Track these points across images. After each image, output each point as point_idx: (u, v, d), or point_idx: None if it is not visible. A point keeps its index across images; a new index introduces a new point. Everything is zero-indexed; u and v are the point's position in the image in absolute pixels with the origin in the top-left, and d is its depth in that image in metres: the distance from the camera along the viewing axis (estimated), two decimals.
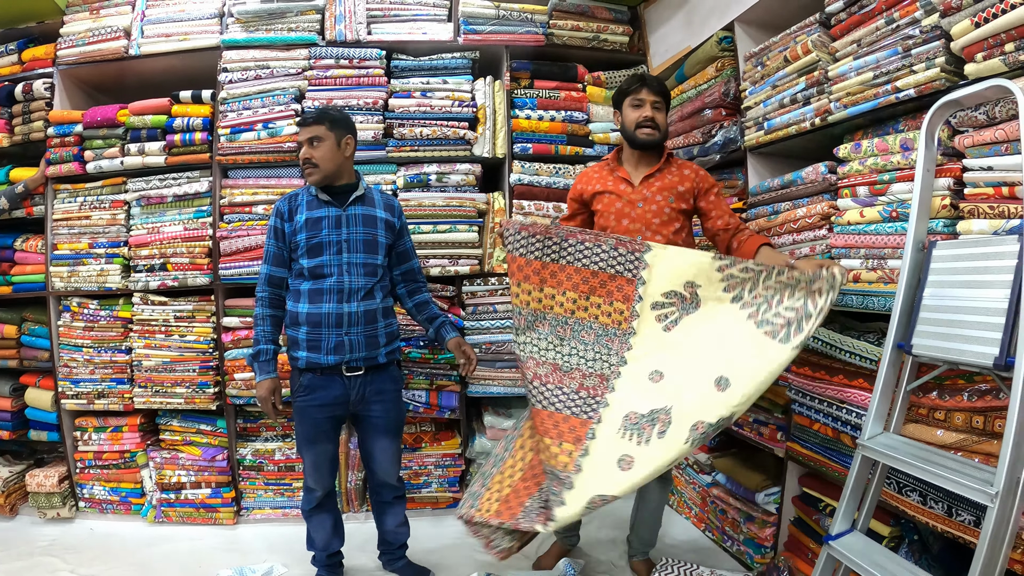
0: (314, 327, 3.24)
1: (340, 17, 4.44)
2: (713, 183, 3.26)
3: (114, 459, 4.53)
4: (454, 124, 4.48)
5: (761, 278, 2.72)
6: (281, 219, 3.34)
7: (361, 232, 3.33)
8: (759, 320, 2.67)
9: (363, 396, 3.34)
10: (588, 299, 2.97)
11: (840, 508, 2.53)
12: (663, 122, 3.24)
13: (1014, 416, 1.90)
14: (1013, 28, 2.22)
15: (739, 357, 2.61)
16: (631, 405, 2.75)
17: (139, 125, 4.41)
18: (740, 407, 2.50)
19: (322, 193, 3.32)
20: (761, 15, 3.72)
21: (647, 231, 3.19)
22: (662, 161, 3.27)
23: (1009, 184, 2.26)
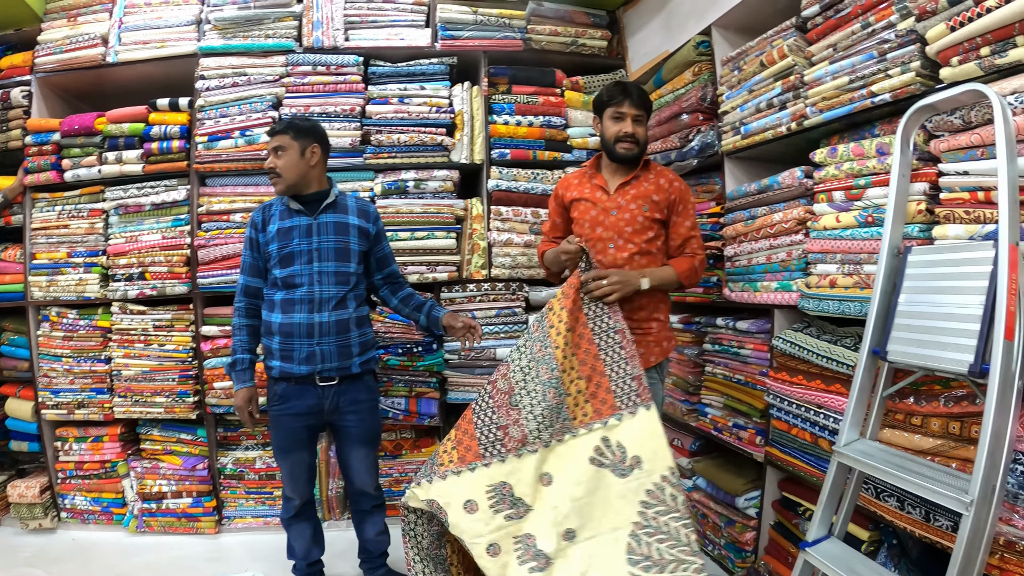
0: (286, 337, 3.21)
1: (317, 23, 4.39)
2: (683, 197, 3.21)
3: (95, 469, 4.47)
4: (432, 130, 4.44)
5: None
6: (255, 229, 3.32)
7: (332, 240, 3.29)
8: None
9: (337, 406, 3.31)
10: (580, 379, 2.88)
11: (816, 515, 2.51)
12: (643, 135, 3.20)
13: (989, 423, 1.88)
14: (988, 32, 2.20)
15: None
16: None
17: (116, 133, 4.36)
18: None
19: (293, 202, 3.29)
20: (738, 19, 3.69)
21: (619, 239, 3.17)
22: (638, 169, 3.23)
23: (985, 189, 2.23)
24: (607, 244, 3.17)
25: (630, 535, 2.68)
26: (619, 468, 2.75)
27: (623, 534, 2.68)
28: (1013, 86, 2.11)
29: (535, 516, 2.69)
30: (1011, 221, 1.94)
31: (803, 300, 3.04)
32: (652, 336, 3.21)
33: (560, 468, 2.77)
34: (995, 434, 1.88)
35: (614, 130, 3.18)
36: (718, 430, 3.83)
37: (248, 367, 3.34)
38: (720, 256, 3.80)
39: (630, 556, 2.65)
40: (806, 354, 3.00)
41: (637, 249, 3.15)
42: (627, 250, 3.15)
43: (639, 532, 2.68)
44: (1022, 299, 1.95)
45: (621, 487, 2.73)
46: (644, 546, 2.66)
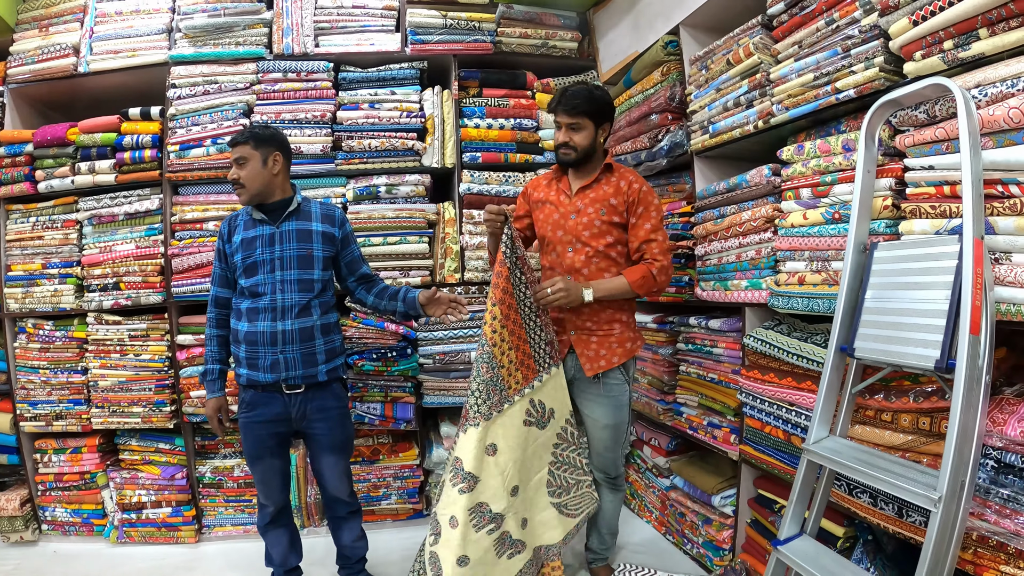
0: (251, 345, 3.17)
1: (287, 30, 4.33)
2: (642, 199, 3.14)
3: (75, 480, 4.40)
4: (403, 135, 4.39)
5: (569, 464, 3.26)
6: (223, 240, 3.29)
7: (295, 248, 3.24)
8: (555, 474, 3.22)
9: (305, 414, 3.26)
10: (511, 349, 3.00)
11: (787, 512, 2.51)
12: (580, 142, 3.13)
13: (956, 419, 1.87)
14: (951, 25, 2.18)
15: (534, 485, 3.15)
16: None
17: (89, 143, 4.29)
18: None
19: (256, 212, 3.25)
20: (706, 18, 3.67)
21: (577, 242, 3.16)
22: (599, 172, 3.20)
23: (951, 183, 2.21)
24: (566, 247, 3.17)
25: (548, 472, 3.18)
26: (541, 422, 3.12)
27: (544, 473, 3.17)
28: (977, 79, 2.09)
29: (483, 486, 2.87)
30: (975, 215, 1.94)
31: (773, 298, 3.02)
32: (615, 337, 3.19)
33: (502, 436, 2.94)
34: (963, 430, 1.87)
35: (555, 138, 3.19)
36: (693, 429, 3.81)
37: (218, 377, 3.31)
38: (691, 255, 3.77)
39: (549, 489, 3.18)
40: (777, 352, 2.99)
41: (594, 253, 3.13)
42: (584, 253, 3.13)
43: (553, 468, 3.19)
44: (988, 293, 1.94)
45: (543, 438, 3.14)
46: (557, 478, 3.20)
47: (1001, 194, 2.02)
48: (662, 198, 4.17)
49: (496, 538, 2.89)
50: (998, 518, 1.99)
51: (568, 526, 3.25)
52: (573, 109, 3.09)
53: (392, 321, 4.19)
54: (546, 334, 3.12)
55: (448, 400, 4.36)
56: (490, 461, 2.88)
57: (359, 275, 3.52)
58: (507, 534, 2.94)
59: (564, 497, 3.23)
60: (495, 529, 2.88)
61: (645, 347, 4.27)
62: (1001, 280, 2.01)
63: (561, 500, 3.22)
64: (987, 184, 2.03)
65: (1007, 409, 2.05)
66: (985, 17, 2.07)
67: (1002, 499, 1.99)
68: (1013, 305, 1.98)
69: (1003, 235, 2.01)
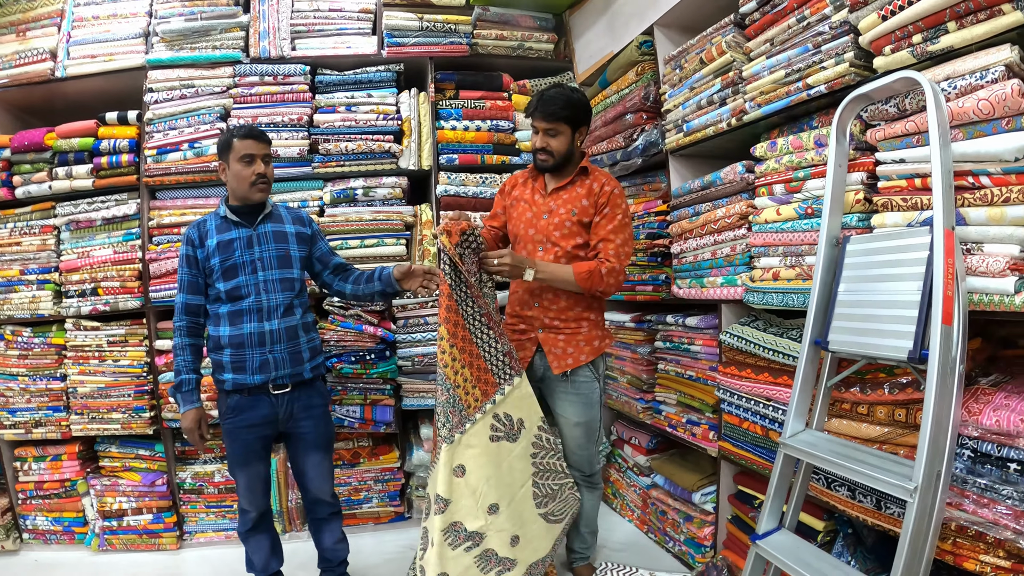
0: (237, 348, 3.12)
1: (264, 33, 4.30)
2: (610, 201, 3.10)
3: (55, 488, 4.34)
4: (379, 137, 4.36)
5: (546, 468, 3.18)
6: (192, 246, 3.22)
7: (274, 248, 3.23)
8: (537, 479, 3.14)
9: (292, 413, 3.23)
10: (464, 367, 2.92)
11: (765, 507, 2.50)
12: (558, 147, 3.11)
13: (930, 410, 1.87)
14: (920, 19, 2.19)
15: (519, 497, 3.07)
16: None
17: (66, 148, 4.23)
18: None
19: (232, 215, 3.21)
20: (680, 18, 3.66)
21: (547, 242, 3.14)
22: (574, 174, 3.18)
23: (921, 175, 2.22)
24: (536, 247, 3.16)
25: (532, 484, 3.10)
26: (511, 435, 3.03)
27: (528, 485, 3.09)
28: (946, 72, 2.10)
29: (455, 506, 2.83)
30: (945, 206, 1.93)
31: (748, 294, 3.01)
32: (582, 335, 3.17)
33: (469, 457, 2.88)
34: (937, 420, 1.87)
35: (532, 142, 3.18)
36: (673, 427, 3.79)
37: (194, 387, 3.22)
38: (668, 254, 3.76)
39: (535, 500, 3.11)
40: (753, 347, 2.99)
41: (563, 253, 3.11)
42: (552, 253, 3.11)
43: (536, 479, 3.12)
44: (959, 283, 1.94)
45: (518, 449, 3.06)
46: (542, 488, 3.13)
47: (972, 185, 2.02)
48: (638, 197, 4.17)
49: (477, 555, 2.88)
50: (976, 508, 1.98)
51: (555, 533, 3.23)
52: (551, 115, 3.07)
53: (370, 323, 4.15)
54: (502, 345, 3.03)
55: (428, 402, 4.32)
56: (459, 482, 2.85)
57: (333, 266, 3.49)
58: (491, 552, 2.92)
59: (551, 505, 3.19)
60: (473, 547, 2.87)
61: (623, 346, 4.27)
62: (973, 270, 2.00)
63: (548, 508, 3.17)
64: (958, 175, 2.03)
65: (982, 399, 2.04)
66: (953, 10, 2.08)
67: (980, 488, 1.98)
68: (985, 295, 1.98)
69: (974, 225, 2.01)
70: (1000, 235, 1.96)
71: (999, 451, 1.94)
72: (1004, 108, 1.90)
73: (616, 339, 4.36)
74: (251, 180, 3.16)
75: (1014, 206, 1.91)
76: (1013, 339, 2.48)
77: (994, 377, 2.20)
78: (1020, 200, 1.89)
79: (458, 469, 2.83)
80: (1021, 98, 1.86)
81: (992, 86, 1.94)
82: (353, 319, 4.15)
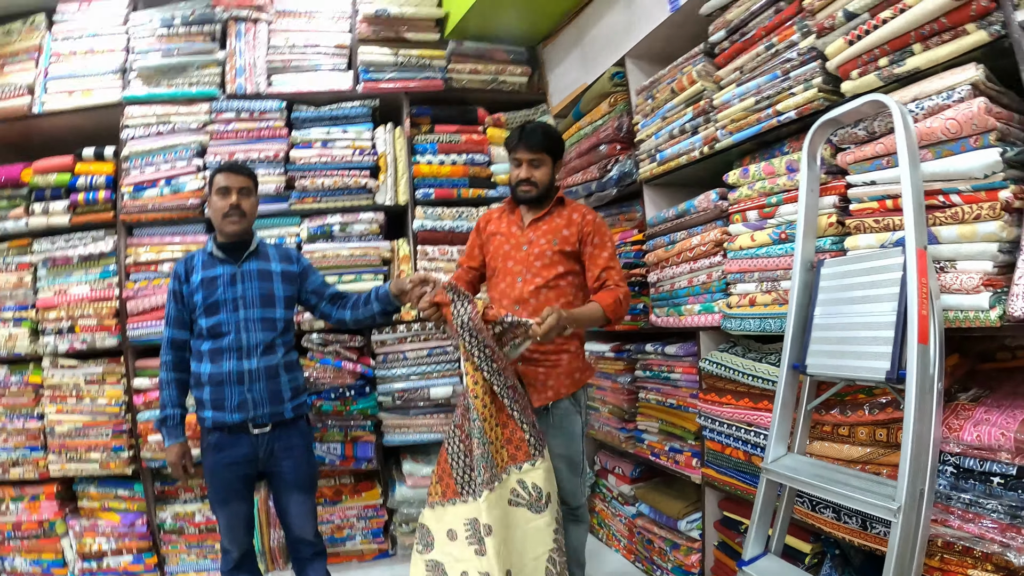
0: (217, 386, 3.07)
1: (240, 70, 4.29)
2: (596, 230, 3.11)
3: (33, 529, 4.22)
4: (356, 173, 4.34)
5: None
6: (179, 281, 3.19)
7: (257, 287, 3.19)
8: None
9: (272, 452, 3.15)
10: (498, 427, 2.86)
11: (750, 533, 2.46)
12: (541, 178, 3.12)
13: (910, 429, 1.85)
14: (886, 43, 2.20)
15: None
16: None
17: (43, 184, 4.18)
18: None
19: (217, 251, 3.19)
20: (651, 48, 3.67)
21: (528, 273, 3.09)
22: (551, 205, 3.18)
23: (892, 196, 2.21)
24: (516, 278, 3.11)
25: (547, 560, 2.87)
26: (535, 506, 2.88)
27: (542, 560, 2.87)
28: (913, 93, 2.10)
29: (487, 559, 2.68)
30: (917, 226, 1.93)
31: (726, 320, 2.99)
32: (562, 367, 3.10)
33: (495, 518, 2.74)
34: (917, 439, 1.85)
35: (513, 174, 3.17)
36: (656, 455, 3.73)
37: (179, 422, 3.18)
38: (645, 283, 3.73)
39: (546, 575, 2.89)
40: (732, 374, 2.96)
41: (544, 283, 3.06)
42: (534, 283, 3.06)
43: (553, 555, 2.88)
44: (934, 302, 1.92)
45: (539, 522, 2.88)
46: (557, 564, 2.88)
47: (943, 204, 2.01)
48: (614, 228, 4.15)
49: None
50: (961, 523, 1.97)
51: None
52: (535, 145, 3.08)
53: (349, 359, 4.10)
54: (528, 417, 2.89)
55: (410, 438, 4.26)
56: (488, 540, 2.71)
57: (329, 296, 3.43)
58: None
59: None
60: None
61: (604, 376, 4.23)
62: (947, 288, 1.99)
63: None
64: (928, 195, 2.02)
65: (962, 415, 2.03)
66: (918, 32, 2.09)
67: (964, 504, 1.97)
68: (961, 312, 1.97)
69: (946, 244, 2.01)
70: (972, 252, 1.95)
71: (982, 466, 1.93)
72: (971, 126, 1.89)
73: (597, 369, 4.29)
74: (224, 212, 3.14)
75: (985, 222, 1.90)
76: (991, 352, 2.47)
77: (973, 392, 2.19)
78: (991, 216, 1.89)
79: (486, 527, 2.70)
80: (988, 115, 1.85)
81: (959, 105, 1.94)
82: (332, 355, 4.09)
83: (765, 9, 2.75)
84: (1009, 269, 1.92)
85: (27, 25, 4.42)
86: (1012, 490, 1.87)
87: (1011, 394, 2.13)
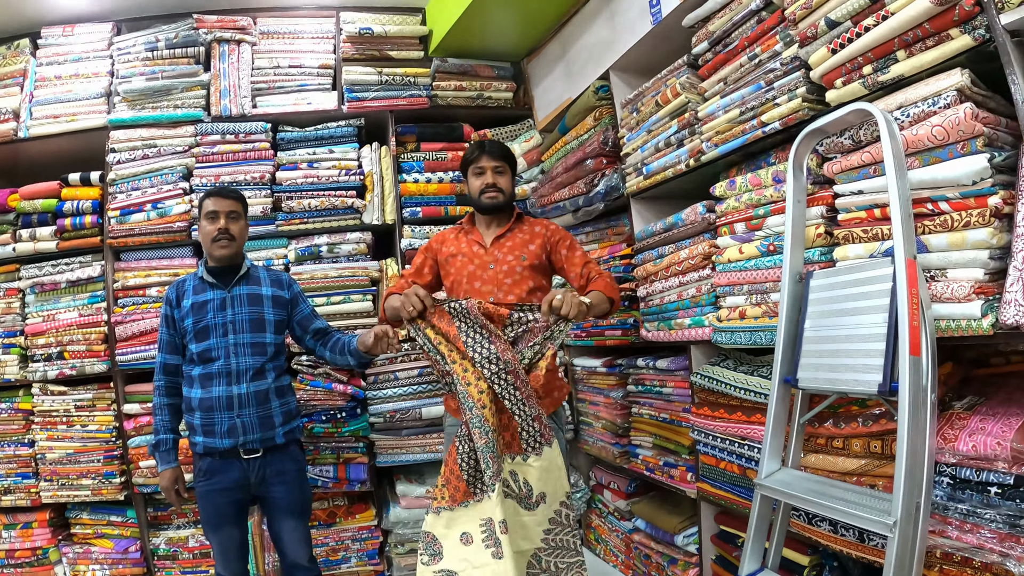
0: (207, 412, 3.04)
1: (225, 92, 4.26)
2: (564, 235, 3.13)
3: (27, 557, 4.16)
4: (342, 193, 4.31)
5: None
6: (170, 306, 3.19)
7: (247, 312, 3.18)
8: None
9: (264, 478, 3.11)
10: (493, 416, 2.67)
11: (746, 548, 2.42)
12: (506, 185, 3.13)
13: (904, 442, 1.81)
14: (869, 50, 2.17)
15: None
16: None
17: (30, 210, 4.15)
18: None
19: (207, 275, 3.17)
20: (635, 61, 3.65)
21: (499, 291, 3.02)
22: (512, 221, 3.15)
23: (880, 205, 2.18)
24: (487, 297, 2.99)
25: (532, 556, 2.74)
26: (525, 502, 2.73)
27: (527, 555, 2.73)
28: (899, 101, 2.07)
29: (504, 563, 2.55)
30: (906, 235, 1.89)
31: (716, 334, 2.95)
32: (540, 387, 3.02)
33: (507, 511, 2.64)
34: (912, 452, 1.81)
35: (477, 184, 3.12)
36: (650, 470, 3.69)
37: (172, 447, 3.15)
38: (634, 297, 3.69)
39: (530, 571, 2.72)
40: (724, 387, 2.92)
41: (517, 300, 2.98)
42: (508, 301, 2.97)
43: (541, 553, 2.75)
44: (925, 312, 1.88)
45: (529, 519, 2.73)
46: (544, 563, 2.75)
47: (931, 211, 1.98)
48: (602, 242, 4.12)
49: None
50: (960, 533, 1.94)
51: None
52: (497, 154, 3.09)
53: (340, 381, 4.05)
54: (530, 408, 2.67)
55: (402, 458, 4.19)
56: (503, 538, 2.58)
57: (313, 331, 3.41)
58: None
59: None
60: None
61: (596, 391, 4.19)
62: (938, 297, 1.96)
63: None
64: (917, 203, 1.99)
65: (957, 424, 2.00)
66: (902, 39, 2.06)
67: (961, 514, 1.93)
68: (952, 321, 1.93)
69: (936, 252, 1.98)
70: (963, 260, 1.91)
71: (979, 476, 1.90)
72: (958, 132, 1.86)
73: (589, 384, 4.30)
74: (212, 236, 3.13)
75: (974, 229, 1.87)
76: (984, 358, 2.45)
77: (968, 400, 2.16)
78: (980, 223, 1.85)
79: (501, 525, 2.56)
80: (974, 121, 1.82)
81: (945, 111, 1.91)
82: (323, 377, 4.04)
83: (747, 19, 2.72)
84: (1000, 276, 1.89)
85: (12, 50, 4.41)
86: (1010, 499, 1.83)
87: (1006, 401, 2.10)
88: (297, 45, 4.52)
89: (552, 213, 4.22)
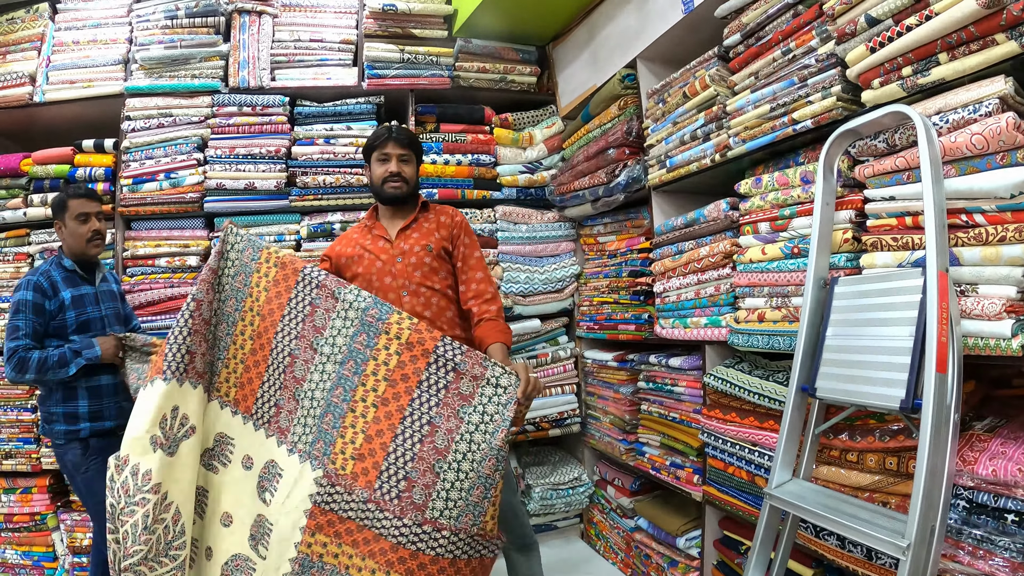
0: (96, 399, 3.26)
1: (244, 63, 4.21)
2: (468, 232, 3.08)
3: (25, 521, 4.16)
4: (358, 171, 4.26)
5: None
6: (44, 296, 3.18)
7: (111, 307, 3.43)
8: None
9: None
10: (248, 356, 2.62)
11: (751, 558, 2.36)
12: (411, 174, 3.04)
13: (923, 462, 1.73)
14: (910, 51, 2.08)
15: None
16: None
17: (42, 175, 4.13)
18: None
19: (79, 270, 3.34)
20: (663, 51, 3.57)
21: (411, 284, 2.91)
22: (416, 211, 3.07)
23: (912, 213, 2.09)
24: (400, 292, 2.90)
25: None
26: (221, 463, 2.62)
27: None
28: (937, 106, 1.99)
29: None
30: (939, 246, 1.82)
31: (732, 336, 2.88)
32: None
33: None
34: (931, 473, 1.74)
35: (380, 171, 3.03)
36: (656, 469, 3.63)
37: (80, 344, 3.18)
38: (650, 292, 3.63)
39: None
40: (738, 391, 2.83)
41: (432, 294, 2.92)
42: (421, 295, 2.90)
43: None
44: (954, 328, 1.81)
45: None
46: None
47: (965, 223, 1.90)
48: (620, 234, 4.08)
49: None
50: (972, 559, 1.87)
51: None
52: (404, 141, 3.02)
53: None
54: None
55: None
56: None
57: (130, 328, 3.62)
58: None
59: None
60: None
61: (606, 385, 4.15)
62: (968, 313, 1.88)
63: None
64: (951, 214, 1.91)
65: (977, 446, 1.92)
66: (945, 41, 1.97)
67: (975, 540, 1.86)
68: (980, 339, 1.85)
69: (968, 266, 1.89)
70: (996, 276, 1.83)
71: (996, 501, 1.82)
72: (998, 143, 1.79)
73: (599, 378, 4.25)
74: (87, 237, 3.26)
75: (1010, 245, 1.79)
76: (1007, 379, 2.36)
77: (989, 421, 2.09)
78: (1016, 239, 1.77)
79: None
80: (1016, 132, 1.74)
81: (986, 120, 1.83)
82: None
83: (783, 12, 2.64)
84: None
85: (30, 13, 4.37)
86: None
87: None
88: (319, 19, 4.46)
89: (571, 202, 4.17)
